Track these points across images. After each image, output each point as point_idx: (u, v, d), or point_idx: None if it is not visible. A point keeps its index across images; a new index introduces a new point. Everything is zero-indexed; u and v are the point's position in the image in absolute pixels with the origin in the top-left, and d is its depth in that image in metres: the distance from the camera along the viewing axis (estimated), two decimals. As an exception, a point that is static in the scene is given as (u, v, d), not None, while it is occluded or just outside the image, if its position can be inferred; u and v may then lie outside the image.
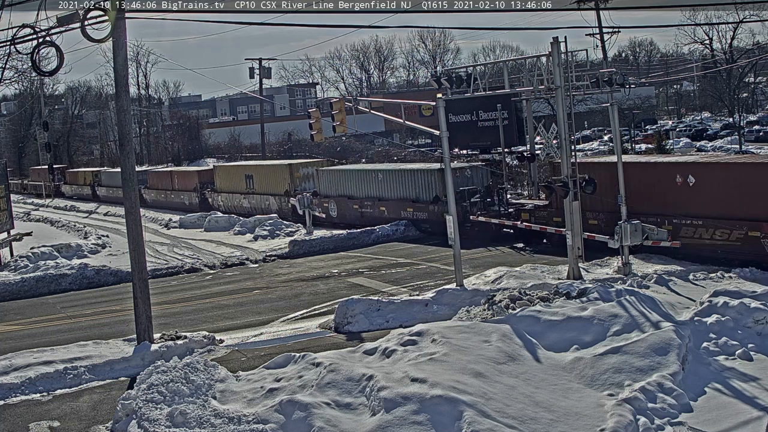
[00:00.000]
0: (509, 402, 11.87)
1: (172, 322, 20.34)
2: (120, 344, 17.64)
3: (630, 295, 16.17)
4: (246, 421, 11.84)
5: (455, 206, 21.12)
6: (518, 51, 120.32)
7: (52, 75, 18.30)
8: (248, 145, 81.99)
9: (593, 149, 59.26)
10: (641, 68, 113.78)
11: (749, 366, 13.75)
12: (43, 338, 19.53)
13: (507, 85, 23.76)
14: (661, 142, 36.65)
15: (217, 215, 41.68)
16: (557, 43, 20.36)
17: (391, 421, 11.25)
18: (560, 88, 20.52)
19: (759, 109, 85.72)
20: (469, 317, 17.10)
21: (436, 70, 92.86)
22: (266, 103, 79.07)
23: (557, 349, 14.33)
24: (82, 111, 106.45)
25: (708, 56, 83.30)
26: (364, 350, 14.51)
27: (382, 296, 20.35)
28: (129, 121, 17.82)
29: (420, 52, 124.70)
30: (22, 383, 15.44)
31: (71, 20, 16.21)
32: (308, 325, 19.48)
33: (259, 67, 62.38)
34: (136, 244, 17.56)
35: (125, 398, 13.03)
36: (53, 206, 63.25)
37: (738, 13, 64.90)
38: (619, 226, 20.73)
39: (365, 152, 65.39)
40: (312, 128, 25.56)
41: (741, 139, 60.53)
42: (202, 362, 14.01)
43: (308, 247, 31.11)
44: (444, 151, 20.99)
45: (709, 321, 15.10)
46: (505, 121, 32.17)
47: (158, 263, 30.25)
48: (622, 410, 11.80)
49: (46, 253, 32.64)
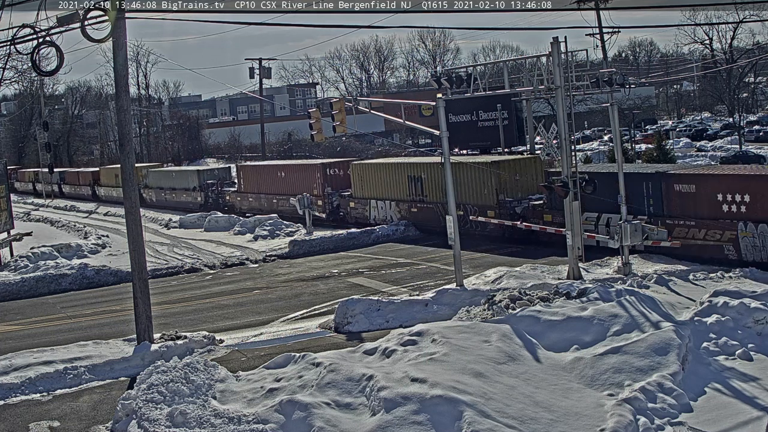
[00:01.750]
0: (509, 402, 11.87)
1: (172, 322, 20.34)
2: (120, 344, 17.64)
3: (630, 295, 16.16)
4: (246, 421, 11.84)
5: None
6: (518, 51, 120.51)
7: (52, 75, 18.31)
8: (248, 145, 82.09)
9: (593, 149, 59.25)
10: (641, 68, 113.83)
11: (749, 366, 13.75)
12: (43, 338, 19.53)
13: (507, 85, 23.76)
14: (661, 142, 36.60)
15: (217, 215, 41.63)
16: (557, 43, 20.36)
17: (391, 421, 11.25)
18: (560, 88, 20.51)
19: (759, 109, 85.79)
20: (469, 317, 17.10)
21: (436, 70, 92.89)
22: (266, 103, 79.11)
23: (557, 349, 14.33)
24: (82, 111, 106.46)
25: (708, 56, 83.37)
26: (364, 350, 14.51)
27: (382, 296, 20.35)
28: (129, 121, 17.82)
29: (420, 52, 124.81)
30: (22, 383, 15.45)
31: (71, 20, 16.21)
32: (308, 325, 19.48)
33: (259, 67, 62.42)
34: (136, 244, 17.56)
35: (125, 398, 13.03)
36: (53, 206, 63.25)
37: (738, 13, 65.06)
38: (619, 226, 20.73)
39: (365, 152, 65.44)
40: (312, 128, 25.55)
41: (741, 139, 60.54)
42: (202, 362, 14.01)
43: (308, 247, 31.10)
44: (444, 151, 20.99)
45: (709, 321, 15.09)
46: (505, 121, 32.22)
47: (158, 263, 30.23)
48: (622, 410, 11.80)
49: (46, 253, 32.62)
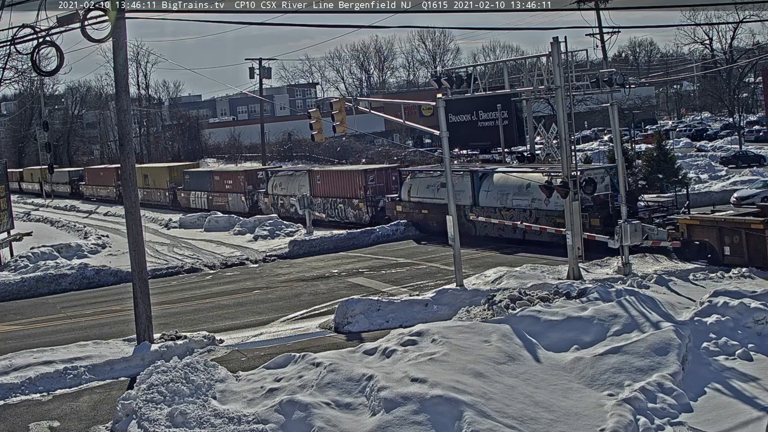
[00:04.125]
0: (509, 402, 11.87)
1: (172, 322, 20.34)
2: (120, 344, 17.64)
3: (630, 295, 16.16)
4: (246, 421, 11.84)
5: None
6: (518, 51, 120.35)
7: (52, 75, 18.30)
8: (248, 145, 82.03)
9: (593, 149, 59.22)
10: (641, 68, 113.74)
11: (749, 366, 13.75)
12: (43, 338, 19.52)
13: (507, 85, 23.79)
14: (660, 142, 36.54)
15: (218, 215, 41.67)
16: (557, 43, 20.36)
17: (391, 421, 11.26)
18: (560, 88, 20.52)
19: (759, 109, 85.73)
20: (469, 317, 17.10)
21: (436, 70, 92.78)
22: (266, 103, 79.06)
23: (557, 349, 14.33)
24: (82, 111, 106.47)
25: (708, 56, 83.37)
26: (364, 350, 14.51)
27: (382, 296, 20.35)
28: (129, 121, 17.82)
29: (420, 52, 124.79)
30: (22, 383, 15.45)
31: (71, 20, 16.22)
32: (308, 325, 19.48)
33: (259, 67, 62.30)
34: (136, 244, 17.56)
35: (125, 398, 13.03)
36: (53, 206, 63.23)
37: (738, 13, 65.06)
38: (619, 227, 20.73)
39: (365, 152, 65.41)
40: (312, 128, 25.57)
41: (741, 139, 60.53)
42: (202, 362, 14.01)
43: (308, 247, 31.11)
44: (444, 151, 20.99)
45: (709, 321, 15.09)
46: (505, 121, 32.09)
47: (158, 263, 30.24)
48: (622, 410, 11.80)
49: (46, 253, 32.63)
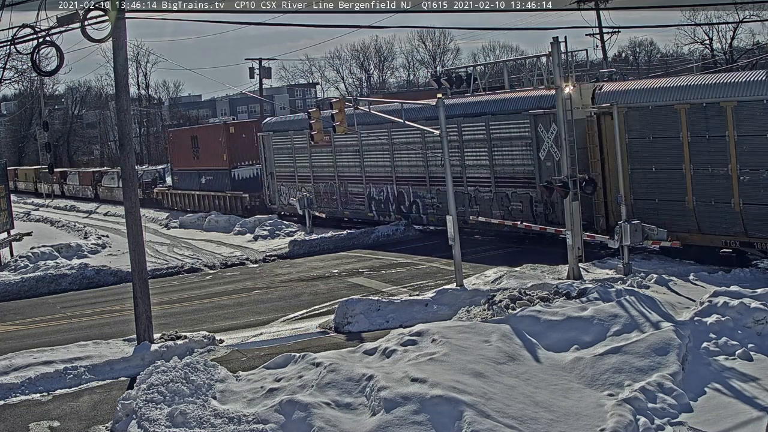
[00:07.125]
0: (509, 402, 11.87)
1: (172, 322, 20.34)
2: (120, 344, 17.64)
3: (630, 295, 16.16)
4: (246, 421, 11.84)
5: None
6: (518, 51, 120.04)
7: (52, 75, 18.35)
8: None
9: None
10: (641, 68, 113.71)
11: (749, 366, 13.74)
12: (43, 338, 19.53)
13: (507, 85, 23.81)
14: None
15: (218, 215, 41.67)
16: (557, 43, 20.36)
17: (391, 421, 11.26)
18: (560, 88, 20.53)
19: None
20: (469, 317, 17.10)
21: (436, 70, 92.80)
22: (266, 103, 79.06)
23: (557, 349, 14.33)
24: (82, 111, 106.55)
25: (708, 56, 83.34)
26: (364, 350, 14.51)
27: (382, 296, 20.34)
28: (129, 121, 17.82)
29: (420, 52, 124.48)
30: (22, 383, 15.45)
31: (71, 20, 16.23)
32: (308, 325, 19.47)
33: (259, 67, 62.33)
34: (136, 244, 17.56)
35: (125, 398, 13.04)
36: (53, 206, 63.25)
37: (738, 13, 64.97)
38: (619, 226, 20.72)
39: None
40: (312, 128, 25.55)
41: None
42: (202, 362, 14.01)
43: (308, 247, 31.09)
44: (444, 152, 20.99)
45: (709, 321, 15.08)
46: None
47: (158, 263, 30.24)
48: (622, 410, 11.80)
49: (46, 253, 32.64)
